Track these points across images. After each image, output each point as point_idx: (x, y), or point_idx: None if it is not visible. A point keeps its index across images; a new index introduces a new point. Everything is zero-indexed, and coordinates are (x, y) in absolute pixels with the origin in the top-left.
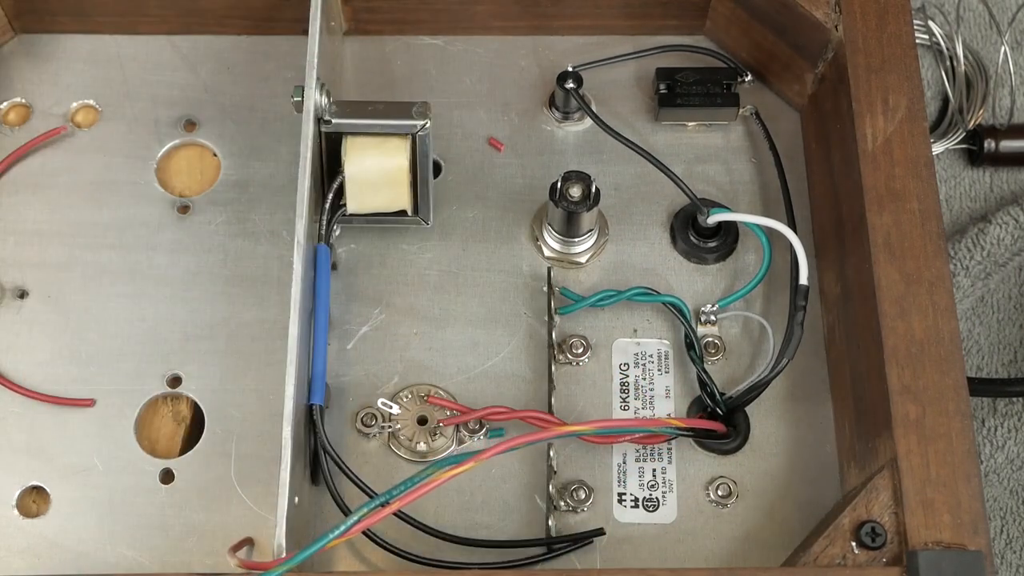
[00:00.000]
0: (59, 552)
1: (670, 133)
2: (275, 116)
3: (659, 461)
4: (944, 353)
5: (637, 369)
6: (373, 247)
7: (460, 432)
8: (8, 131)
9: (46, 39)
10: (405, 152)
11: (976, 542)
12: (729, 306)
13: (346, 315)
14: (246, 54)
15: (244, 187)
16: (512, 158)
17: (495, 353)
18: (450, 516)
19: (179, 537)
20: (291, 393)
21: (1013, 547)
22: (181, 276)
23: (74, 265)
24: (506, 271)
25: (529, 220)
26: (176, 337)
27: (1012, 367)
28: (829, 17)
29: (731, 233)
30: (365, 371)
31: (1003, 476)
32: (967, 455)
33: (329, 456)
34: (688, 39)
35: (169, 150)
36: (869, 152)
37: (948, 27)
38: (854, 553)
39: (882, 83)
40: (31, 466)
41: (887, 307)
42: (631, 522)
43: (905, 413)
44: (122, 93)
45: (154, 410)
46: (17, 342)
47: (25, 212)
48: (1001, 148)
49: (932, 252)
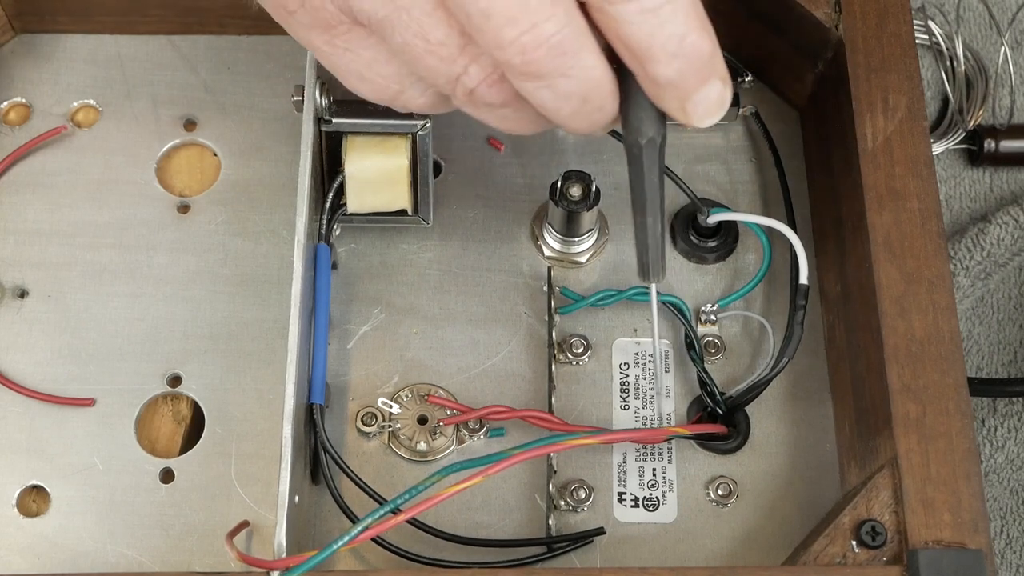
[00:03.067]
0: (59, 551)
1: (670, 133)
2: (275, 116)
3: (659, 461)
4: (944, 352)
5: (637, 369)
6: (373, 247)
7: (460, 431)
8: (8, 131)
9: (46, 39)
10: (405, 152)
11: (976, 541)
12: (729, 306)
13: (346, 315)
14: (246, 54)
15: (244, 187)
16: (512, 158)
17: (495, 352)
18: (450, 515)
19: (179, 536)
20: (291, 392)
21: (1013, 547)
22: (181, 276)
23: (74, 265)
24: (506, 271)
25: (529, 220)
26: (176, 337)
27: (1012, 367)
28: (829, 17)
29: (731, 233)
30: (365, 371)
31: (1003, 476)
32: (967, 454)
33: (329, 455)
34: None
35: (169, 150)
36: (869, 151)
37: (948, 27)
38: (854, 552)
39: (882, 83)
40: (31, 466)
41: (887, 306)
42: (631, 521)
43: (905, 412)
44: (122, 93)
45: (154, 410)
46: (17, 342)
47: (25, 212)
48: (1001, 148)
49: (932, 251)
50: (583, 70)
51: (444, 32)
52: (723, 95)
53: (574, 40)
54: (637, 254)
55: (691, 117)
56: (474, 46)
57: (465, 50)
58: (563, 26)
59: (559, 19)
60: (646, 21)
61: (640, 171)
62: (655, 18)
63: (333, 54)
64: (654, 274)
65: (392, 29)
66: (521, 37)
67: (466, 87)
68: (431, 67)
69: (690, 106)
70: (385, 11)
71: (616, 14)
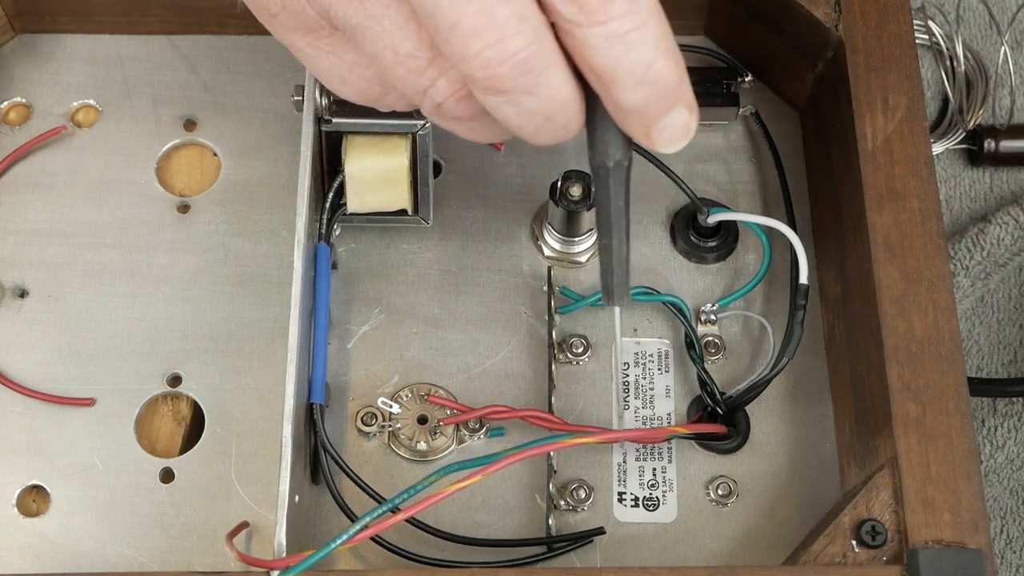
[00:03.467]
0: (59, 551)
1: None
2: (275, 116)
3: (659, 460)
4: (944, 352)
5: (637, 368)
6: (373, 246)
7: (460, 431)
8: (8, 131)
9: (46, 39)
10: (405, 151)
11: (976, 540)
12: (729, 305)
13: (346, 314)
14: (246, 54)
15: (244, 187)
16: (512, 158)
17: (495, 352)
18: (450, 515)
19: (179, 536)
20: (291, 392)
21: (1013, 547)
22: (181, 276)
23: (74, 265)
24: (506, 271)
25: (529, 220)
26: (176, 336)
27: (1012, 367)
28: (829, 17)
29: (731, 233)
30: (365, 370)
31: (1003, 476)
32: (967, 454)
33: (329, 455)
34: (688, 39)
35: (169, 150)
36: (869, 151)
37: (948, 27)
38: (854, 552)
39: (882, 82)
40: (31, 466)
41: (887, 306)
42: (631, 521)
43: (905, 412)
44: (122, 93)
45: (154, 409)
46: (17, 342)
47: (25, 212)
48: (1001, 148)
49: (932, 251)
50: (548, 88)
51: (414, 44)
52: (688, 123)
53: (540, 58)
54: (601, 277)
55: (655, 143)
56: (443, 60)
57: (434, 63)
58: (530, 43)
59: (526, 36)
60: (612, 46)
61: (606, 194)
62: (621, 44)
63: (315, 56)
64: (618, 297)
65: (364, 37)
66: (485, 51)
67: (434, 100)
68: (400, 78)
69: (654, 132)
70: (358, 19)
71: (582, 37)
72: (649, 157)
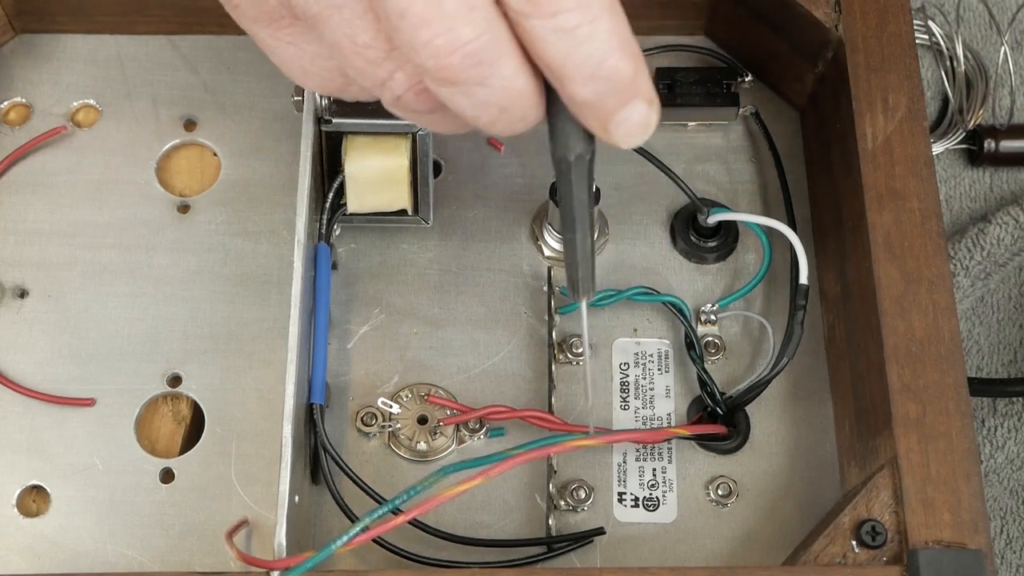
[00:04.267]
0: (59, 551)
1: (670, 133)
2: (275, 116)
3: (659, 460)
4: (944, 352)
5: (637, 368)
6: (373, 246)
7: (460, 431)
8: (8, 131)
9: (46, 39)
10: (405, 151)
11: (977, 541)
12: (729, 306)
13: (346, 315)
14: (246, 54)
15: (244, 187)
16: (512, 158)
17: (495, 352)
18: (450, 515)
19: (179, 536)
20: (291, 392)
21: (1013, 547)
22: (181, 276)
23: (74, 265)
24: (506, 271)
25: (529, 220)
26: (176, 337)
27: (1012, 367)
28: (829, 17)
29: (731, 233)
30: (365, 370)
31: (1003, 476)
32: (967, 454)
33: (329, 455)
34: (688, 39)
35: (169, 150)
36: (869, 151)
37: (948, 27)
38: (854, 552)
39: (882, 82)
40: (31, 466)
41: (887, 306)
42: (631, 521)
43: (905, 412)
44: (122, 93)
45: (154, 409)
46: (17, 342)
47: (25, 212)
48: (1001, 148)
49: (932, 251)
50: (501, 80)
51: (371, 35)
52: (647, 117)
53: (492, 48)
54: (566, 271)
55: (613, 138)
56: (400, 52)
57: (391, 55)
58: (480, 33)
59: (476, 26)
60: (561, 40)
61: (569, 187)
62: (571, 38)
63: (277, 47)
64: (584, 291)
65: (324, 26)
66: (434, 40)
67: (393, 92)
68: (359, 69)
69: (611, 127)
70: (318, 7)
71: (532, 29)
72: (649, 157)
